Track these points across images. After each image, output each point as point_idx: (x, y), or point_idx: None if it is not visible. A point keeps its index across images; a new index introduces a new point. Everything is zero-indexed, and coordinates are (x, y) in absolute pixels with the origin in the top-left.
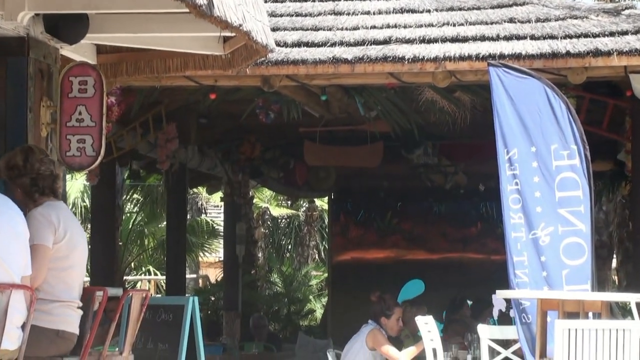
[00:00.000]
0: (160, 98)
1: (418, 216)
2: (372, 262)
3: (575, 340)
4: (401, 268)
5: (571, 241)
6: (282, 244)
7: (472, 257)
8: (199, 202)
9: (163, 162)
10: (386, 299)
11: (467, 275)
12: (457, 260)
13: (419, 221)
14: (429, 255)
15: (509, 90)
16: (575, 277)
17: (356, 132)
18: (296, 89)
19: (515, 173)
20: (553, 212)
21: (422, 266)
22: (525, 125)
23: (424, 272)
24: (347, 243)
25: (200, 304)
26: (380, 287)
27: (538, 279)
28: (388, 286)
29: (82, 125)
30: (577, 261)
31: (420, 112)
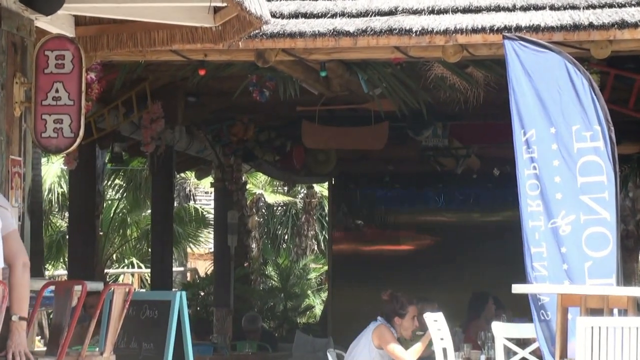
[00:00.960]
0: (144, 74)
1: (427, 203)
2: (377, 253)
3: (599, 340)
4: (409, 260)
5: (594, 231)
6: (278, 234)
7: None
8: (187, 188)
9: (148, 144)
10: (399, 297)
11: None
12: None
13: (428, 209)
14: (439, 245)
15: (526, 65)
16: (599, 270)
17: (359, 111)
18: (293, 65)
19: (533, 156)
20: (574, 199)
21: (432, 258)
22: (544, 104)
23: (434, 264)
24: (349, 233)
25: (189, 300)
26: (386, 281)
27: (558, 273)
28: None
29: (59, 104)
30: (601, 253)
31: (429, 90)
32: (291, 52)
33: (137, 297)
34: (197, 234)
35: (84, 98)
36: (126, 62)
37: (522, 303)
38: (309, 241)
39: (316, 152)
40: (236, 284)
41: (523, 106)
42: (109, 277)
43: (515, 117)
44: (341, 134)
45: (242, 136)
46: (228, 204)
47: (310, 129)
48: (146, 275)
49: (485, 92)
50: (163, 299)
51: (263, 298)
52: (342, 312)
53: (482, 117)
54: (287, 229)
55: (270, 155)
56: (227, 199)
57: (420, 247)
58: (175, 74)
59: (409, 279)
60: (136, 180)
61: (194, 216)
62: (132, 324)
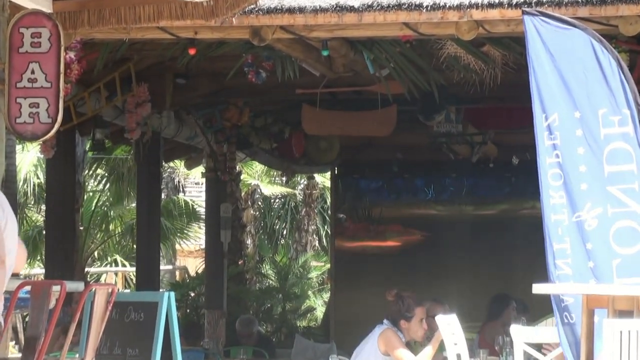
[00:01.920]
0: (129, 54)
1: (439, 194)
2: (384, 250)
3: (629, 344)
4: (418, 258)
5: (623, 225)
6: (276, 229)
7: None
8: (176, 178)
9: (132, 130)
10: (405, 298)
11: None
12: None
13: (440, 200)
14: (455, 240)
15: (548, 43)
16: (629, 268)
17: (364, 94)
18: (292, 43)
19: (555, 143)
20: (601, 190)
21: (447, 255)
22: (568, 85)
23: (446, 262)
24: (353, 228)
25: (178, 301)
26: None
27: (583, 271)
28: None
29: (35, 87)
30: (631, 249)
31: (442, 71)
32: (290, 29)
33: (121, 299)
34: (186, 229)
35: (63, 80)
36: (109, 41)
37: (545, 305)
38: (309, 237)
39: (317, 139)
40: (230, 283)
41: (544, 88)
42: (90, 276)
43: (535, 101)
44: (345, 119)
45: (236, 121)
46: (221, 196)
47: (310, 114)
48: (131, 275)
49: (502, 73)
50: (149, 300)
51: (259, 299)
52: (346, 314)
53: (500, 101)
54: (286, 224)
55: (267, 142)
56: (219, 190)
57: (432, 242)
58: (163, 54)
59: (423, 279)
60: (120, 170)
61: (184, 209)
62: (116, 328)
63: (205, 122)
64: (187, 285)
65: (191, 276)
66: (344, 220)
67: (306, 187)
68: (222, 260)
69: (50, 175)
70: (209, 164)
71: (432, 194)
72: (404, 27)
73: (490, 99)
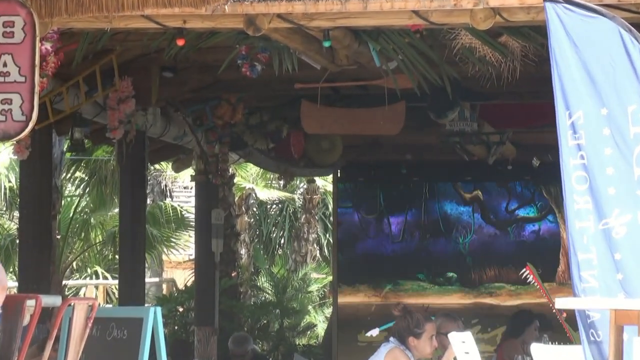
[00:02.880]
0: (111, 45)
1: (452, 199)
2: (392, 261)
3: None
4: (431, 269)
5: None
6: (273, 238)
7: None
8: (163, 182)
9: (115, 129)
10: (413, 313)
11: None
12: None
13: (453, 206)
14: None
15: (572, 33)
16: None
17: (369, 89)
18: (291, 33)
19: (580, 143)
20: (631, 194)
21: (457, 265)
22: (594, 79)
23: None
24: (358, 235)
25: (165, 317)
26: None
27: (611, 284)
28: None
29: (7, 81)
30: None
31: (455, 63)
32: (288, 17)
33: (102, 314)
34: (174, 238)
35: (38, 73)
36: (89, 30)
37: (569, 321)
38: (309, 246)
39: (318, 139)
40: (222, 297)
41: (568, 83)
42: (68, 289)
43: (558, 96)
44: (348, 116)
45: (229, 119)
46: (212, 201)
47: (311, 111)
48: (113, 288)
49: (522, 66)
50: (133, 316)
51: (254, 315)
52: (350, 332)
53: (519, 96)
54: (284, 232)
55: (262, 142)
56: (210, 195)
57: (444, 252)
58: (148, 45)
59: (434, 292)
60: (101, 173)
61: (171, 216)
62: (97, 347)
63: (195, 119)
64: (175, 300)
65: (179, 289)
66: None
67: (306, 192)
68: (213, 272)
69: (25, 178)
70: (199, 166)
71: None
72: (414, 16)
73: (509, 95)
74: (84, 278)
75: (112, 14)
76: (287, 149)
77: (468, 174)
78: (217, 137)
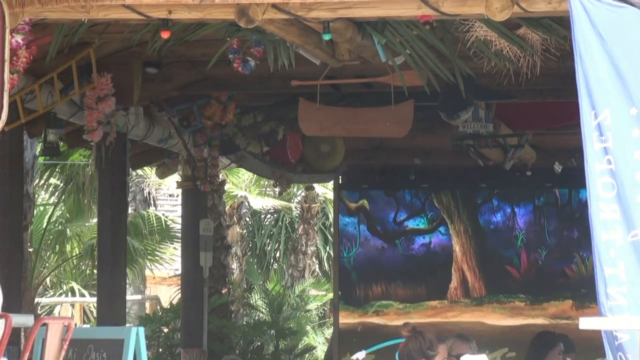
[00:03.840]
0: (88, 38)
1: (465, 209)
2: (399, 276)
3: None
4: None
5: None
6: (267, 251)
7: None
8: (146, 189)
9: (93, 130)
10: (425, 334)
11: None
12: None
13: (467, 216)
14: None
15: (598, 25)
16: None
17: (374, 87)
18: (287, 25)
19: (606, 146)
20: None
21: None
22: (622, 76)
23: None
24: (362, 248)
25: (148, 338)
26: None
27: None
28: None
29: None
30: None
31: (469, 58)
32: (284, 7)
33: (79, 335)
34: (158, 251)
35: (8, 69)
36: (64, 22)
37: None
38: (307, 260)
39: (318, 142)
40: (211, 317)
41: (594, 79)
42: (42, 308)
43: (583, 94)
44: (351, 117)
45: (219, 120)
46: (200, 210)
47: (309, 111)
48: (91, 306)
49: (543, 61)
50: (113, 337)
51: (247, 336)
52: (353, 354)
53: (539, 95)
54: (279, 244)
55: (256, 145)
56: (198, 203)
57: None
58: (130, 38)
59: (445, 311)
60: (78, 179)
61: (155, 227)
62: None
63: (182, 120)
64: (160, 319)
65: (164, 308)
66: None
67: (304, 200)
68: (201, 288)
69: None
70: (185, 172)
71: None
72: (423, 5)
73: (528, 93)
74: (59, 295)
75: (89, 3)
76: (283, 153)
77: (483, 181)
78: (205, 140)
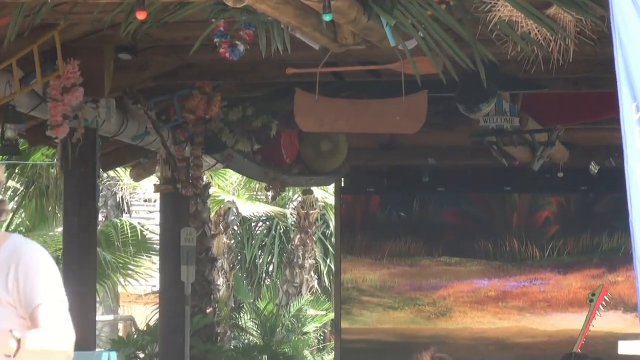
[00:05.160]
0: (52, 19)
1: (488, 217)
2: (410, 292)
3: None
4: (458, 304)
5: None
6: (258, 264)
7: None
8: (119, 193)
9: (58, 126)
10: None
11: None
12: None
13: (490, 225)
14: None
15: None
16: None
17: (382, 75)
18: (281, 4)
19: None
20: None
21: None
22: None
23: (497, 313)
24: (367, 260)
25: None
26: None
27: None
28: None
29: None
30: None
31: (491, 42)
32: None
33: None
34: (133, 264)
35: None
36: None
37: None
38: (305, 275)
39: (317, 139)
40: (194, 340)
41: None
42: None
43: (622, 84)
44: (355, 110)
45: (203, 114)
46: (181, 218)
47: (307, 103)
48: None
49: (576, 46)
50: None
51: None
52: None
53: (572, 84)
54: (272, 256)
55: (245, 143)
56: (179, 210)
57: (475, 281)
58: (100, 19)
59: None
60: (40, 181)
61: (130, 237)
62: None
63: (160, 114)
64: (135, 343)
65: (140, 330)
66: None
67: (301, 206)
68: (183, 307)
69: None
70: (164, 174)
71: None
72: None
73: (559, 82)
74: None
75: None
76: (276, 152)
77: (507, 183)
78: (187, 137)
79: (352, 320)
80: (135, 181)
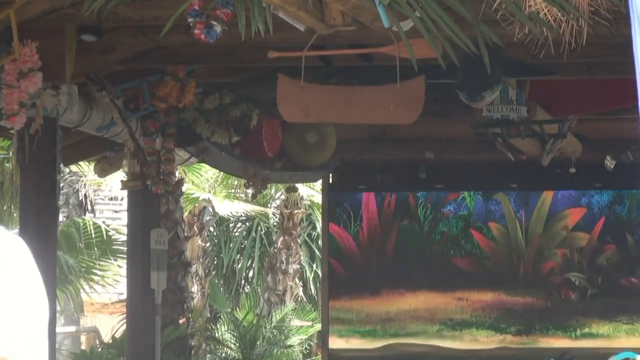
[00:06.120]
0: None
1: (493, 215)
2: (405, 301)
3: None
4: (458, 313)
5: None
6: (237, 269)
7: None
8: (82, 190)
9: (13, 115)
10: None
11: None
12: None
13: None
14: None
15: None
16: None
17: (374, 59)
18: None
19: None
20: None
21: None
22: None
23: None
24: (357, 266)
25: None
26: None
27: None
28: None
29: None
30: None
31: (496, 23)
32: None
33: None
34: (98, 269)
35: None
36: None
37: None
38: (289, 281)
39: (302, 130)
40: (165, 354)
41: None
42: None
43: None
44: (344, 98)
45: (176, 102)
46: (151, 218)
47: (291, 90)
48: None
49: (590, 27)
50: None
51: None
52: None
53: (586, 70)
54: (252, 261)
55: (223, 134)
56: (149, 209)
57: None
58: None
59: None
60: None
61: (94, 238)
62: None
63: (128, 102)
64: (99, 357)
65: (105, 343)
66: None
67: (284, 205)
68: (153, 317)
69: None
70: (132, 169)
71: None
72: None
73: (572, 67)
74: None
75: None
76: (257, 145)
77: (513, 179)
78: (158, 127)
79: (340, 332)
80: (100, 177)
